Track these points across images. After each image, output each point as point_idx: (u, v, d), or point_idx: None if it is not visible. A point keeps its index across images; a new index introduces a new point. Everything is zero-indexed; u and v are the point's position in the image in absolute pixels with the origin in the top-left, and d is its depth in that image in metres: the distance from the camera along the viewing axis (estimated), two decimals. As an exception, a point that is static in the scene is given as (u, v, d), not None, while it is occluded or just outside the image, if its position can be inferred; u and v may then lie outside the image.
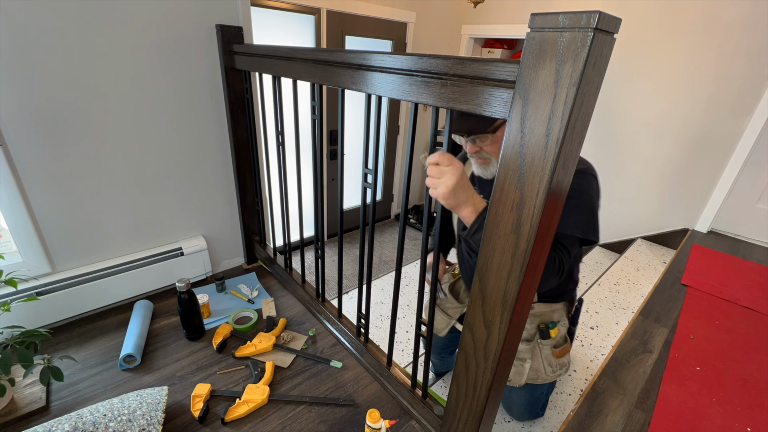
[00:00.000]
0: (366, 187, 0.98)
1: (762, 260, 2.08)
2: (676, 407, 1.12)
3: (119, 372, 1.13)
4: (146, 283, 1.43)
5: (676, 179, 2.46)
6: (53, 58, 1.08)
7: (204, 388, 1.06)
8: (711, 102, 2.21)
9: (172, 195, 1.45)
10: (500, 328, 0.63)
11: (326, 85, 0.94)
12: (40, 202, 1.18)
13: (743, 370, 1.28)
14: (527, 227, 0.54)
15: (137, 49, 1.20)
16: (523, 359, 1.14)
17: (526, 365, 1.14)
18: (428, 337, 0.93)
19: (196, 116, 1.40)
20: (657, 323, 1.51)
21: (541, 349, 1.14)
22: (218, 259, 1.69)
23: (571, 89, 0.45)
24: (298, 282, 1.51)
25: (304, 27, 2.43)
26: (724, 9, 2.05)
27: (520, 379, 1.16)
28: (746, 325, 1.51)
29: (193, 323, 1.25)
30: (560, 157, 0.49)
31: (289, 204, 1.45)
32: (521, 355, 1.14)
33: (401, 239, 0.93)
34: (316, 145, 1.14)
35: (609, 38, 0.45)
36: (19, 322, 1.17)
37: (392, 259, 2.99)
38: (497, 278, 0.60)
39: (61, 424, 0.82)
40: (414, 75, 0.68)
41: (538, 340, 1.14)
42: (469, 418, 0.76)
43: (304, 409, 1.05)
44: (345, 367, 1.20)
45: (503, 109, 0.54)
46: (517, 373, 1.15)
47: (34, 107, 1.09)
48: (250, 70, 1.32)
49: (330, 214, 3.13)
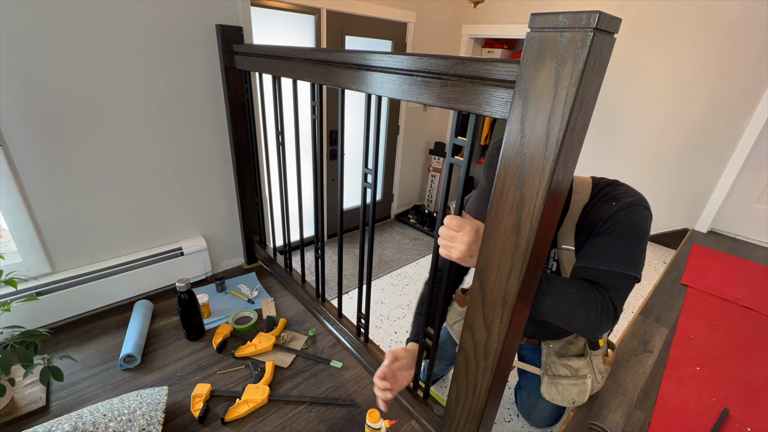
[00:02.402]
0: (366, 187, 0.98)
1: (762, 260, 2.08)
2: (676, 407, 1.12)
3: (119, 372, 1.13)
4: (146, 283, 1.43)
5: (676, 179, 2.46)
6: (53, 58, 1.08)
7: (204, 388, 1.06)
8: (711, 102, 2.21)
9: (172, 195, 1.45)
10: (500, 328, 0.63)
11: (326, 85, 0.94)
12: (40, 202, 1.18)
13: (743, 370, 1.28)
14: (527, 227, 0.54)
15: (137, 48, 1.20)
16: (584, 376, 1.09)
17: (588, 381, 1.09)
18: (434, 337, 0.93)
19: (196, 116, 1.40)
20: (657, 323, 1.51)
21: (593, 360, 1.10)
22: (218, 259, 1.69)
23: (571, 89, 0.45)
24: (298, 282, 1.51)
25: (304, 27, 2.43)
26: (724, 9, 2.05)
27: (583, 397, 1.09)
28: (746, 325, 1.51)
29: (193, 323, 1.25)
30: (560, 157, 0.49)
31: (289, 204, 1.45)
32: (581, 372, 1.09)
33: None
34: (316, 145, 1.14)
35: (609, 38, 0.45)
36: (19, 322, 1.17)
37: (392, 259, 2.99)
38: (497, 278, 0.60)
39: (61, 424, 0.82)
40: (414, 75, 0.68)
41: (590, 351, 1.10)
42: (469, 418, 0.76)
43: (304, 409, 1.05)
44: (345, 367, 1.20)
45: (503, 109, 0.54)
46: (581, 392, 1.09)
47: (34, 107, 1.09)
48: (250, 70, 1.32)
49: (330, 214, 3.13)
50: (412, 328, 1.15)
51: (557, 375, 1.11)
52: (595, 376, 1.11)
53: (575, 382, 1.09)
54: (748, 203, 2.30)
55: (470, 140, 0.65)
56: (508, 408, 1.62)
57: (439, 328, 0.90)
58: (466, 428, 0.78)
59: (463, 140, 0.67)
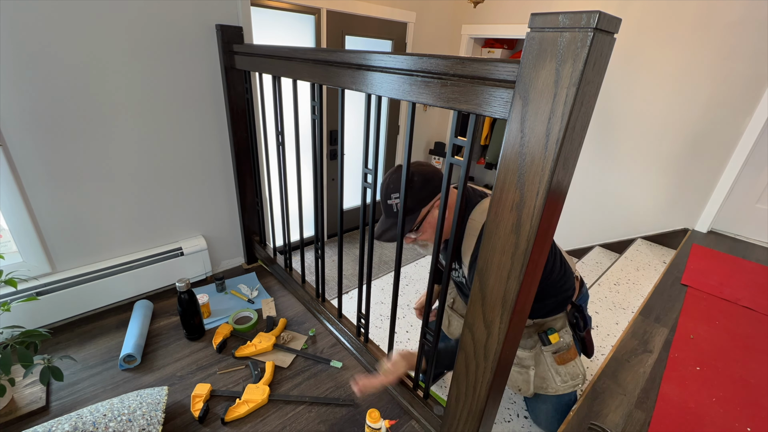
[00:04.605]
0: (366, 187, 0.98)
1: (762, 260, 2.08)
2: (676, 407, 1.12)
3: (119, 372, 1.13)
4: (146, 283, 1.43)
5: (676, 179, 2.45)
6: (53, 58, 1.08)
7: (204, 388, 1.06)
8: (711, 102, 2.21)
9: (172, 195, 1.45)
10: (500, 328, 0.63)
11: (326, 85, 0.94)
12: (40, 202, 1.18)
13: (743, 370, 1.28)
14: (527, 227, 0.54)
15: (137, 48, 1.20)
16: (527, 366, 1.14)
17: (531, 372, 1.14)
18: (434, 338, 0.93)
19: (196, 116, 1.40)
20: (657, 323, 1.51)
21: (545, 356, 1.14)
22: (218, 259, 1.69)
23: (571, 89, 0.45)
24: (298, 282, 1.51)
25: (304, 27, 2.43)
26: (724, 9, 2.05)
27: (528, 387, 1.15)
28: (746, 325, 1.50)
29: (193, 323, 1.25)
30: (560, 157, 0.49)
31: (289, 204, 1.45)
32: (525, 363, 1.14)
33: (400, 241, 0.93)
34: (316, 145, 1.14)
35: (609, 38, 0.45)
36: (19, 322, 1.17)
37: (392, 259, 2.99)
38: (497, 278, 0.60)
39: (61, 424, 0.82)
40: (414, 75, 0.68)
41: (540, 347, 1.14)
42: (469, 418, 0.76)
43: (304, 409, 1.05)
44: (345, 367, 1.20)
45: (503, 109, 0.54)
46: (524, 381, 1.15)
47: (34, 107, 1.09)
48: (250, 70, 1.32)
49: (330, 214, 3.13)
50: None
51: None
52: (550, 374, 1.13)
53: (519, 371, 1.15)
54: (748, 203, 2.30)
55: (470, 140, 0.65)
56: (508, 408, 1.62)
57: (438, 327, 0.90)
58: (466, 428, 0.78)
59: (463, 140, 0.67)
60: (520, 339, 0.74)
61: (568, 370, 1.14)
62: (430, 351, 0.92)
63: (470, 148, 0.66)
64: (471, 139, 0.65)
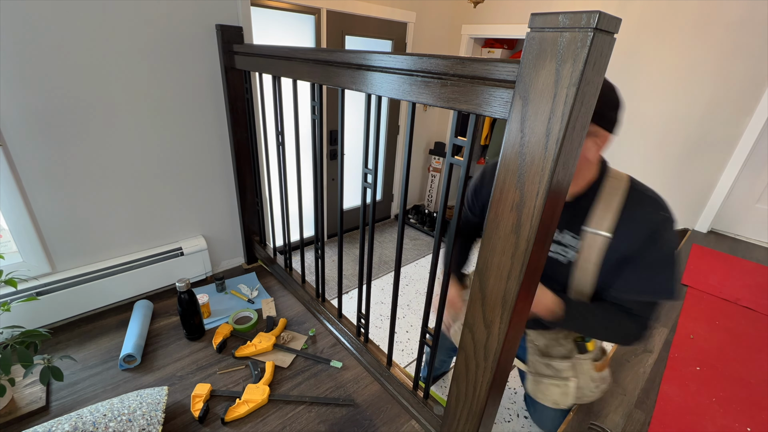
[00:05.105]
0: (366, 187, 0.98)
1: (762, 260, 2.08)
2: (676, 407, 1.12)
3: (119, 372, 1.13)
4: (146, 283, 1.43)
5: (676, 179, 2.45)
6: (53, 58, 1.08)
7: (204, 388, 1.06)
8: (711, 102, 2.21)
9: (172, 195, 1.45)
10: (500, 328, 0.63)
11: (326, 85, 0.94)
12: (40, 202, 1.18)
13: (743, 370, 1.28)
14: (527, 227, 0.54)
15: (137, 48, 1.20)
16: (566, 378, 1.06)
17: (571, 384, 1.06)
18: (433, 342, 0.93)
19: (196, 116, 1.40)
20: (657, 323, 1.51)
21: (582, 365, 1.08)
22: (218, 259, 1.69)
23: (571, 89, 0.45)
24: (298, 282, 1.51)
25: (304, 27, 2.43)
26: (724, 9, 2.05)
27: (566, 399, 1.07)
28: (746, 325, 1.50)
29: (193, 323, 1.25)
30: (560, 157, 0.49)
31: (289, 204, 1.45)
32: (564, 374, 1.07)
33: (400, 239, 0.93)
34: (316, 145, 1.14)
35: (609, 38, 0.45)
36: (19, 322, 1.17)
37: (392, 259, 2.99)
38: (497, 278, 0.60)
39: (61, 424, 0.82)
40: (414, 75, 0.68)
41: (577, 355, 1.08)
42: (469, 418, 0.76)
43: (304, 409, 1.05)
44: (345, 367, 1.20)
45: (503, 109, 0.54)
46: (563, 395, 1.06)
47: (34, 107, 1.09)
48: (250, 70, 1.32)
49: (330, 214, 3.13)
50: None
51: (540, 373, 1.10)
52: (586, 382, 1.08)
53: (557, 383, 1.07)
54: (748, 203, 2.30)
55: (470, 140, 0.65)
56: (508, 408, 1.62)
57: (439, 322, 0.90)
58: (466, 428, 0.78)
59: (463, 140, 0.67)
60: (520, 339, 0.74)
61: (601, 375, 1.11)
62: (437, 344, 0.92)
63: (470, 148, 0.66)
64: (471, 139, 0.65)
